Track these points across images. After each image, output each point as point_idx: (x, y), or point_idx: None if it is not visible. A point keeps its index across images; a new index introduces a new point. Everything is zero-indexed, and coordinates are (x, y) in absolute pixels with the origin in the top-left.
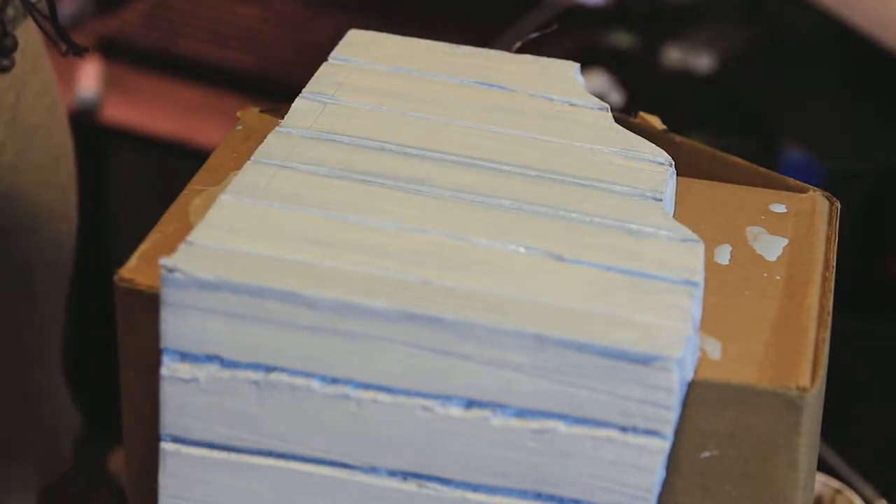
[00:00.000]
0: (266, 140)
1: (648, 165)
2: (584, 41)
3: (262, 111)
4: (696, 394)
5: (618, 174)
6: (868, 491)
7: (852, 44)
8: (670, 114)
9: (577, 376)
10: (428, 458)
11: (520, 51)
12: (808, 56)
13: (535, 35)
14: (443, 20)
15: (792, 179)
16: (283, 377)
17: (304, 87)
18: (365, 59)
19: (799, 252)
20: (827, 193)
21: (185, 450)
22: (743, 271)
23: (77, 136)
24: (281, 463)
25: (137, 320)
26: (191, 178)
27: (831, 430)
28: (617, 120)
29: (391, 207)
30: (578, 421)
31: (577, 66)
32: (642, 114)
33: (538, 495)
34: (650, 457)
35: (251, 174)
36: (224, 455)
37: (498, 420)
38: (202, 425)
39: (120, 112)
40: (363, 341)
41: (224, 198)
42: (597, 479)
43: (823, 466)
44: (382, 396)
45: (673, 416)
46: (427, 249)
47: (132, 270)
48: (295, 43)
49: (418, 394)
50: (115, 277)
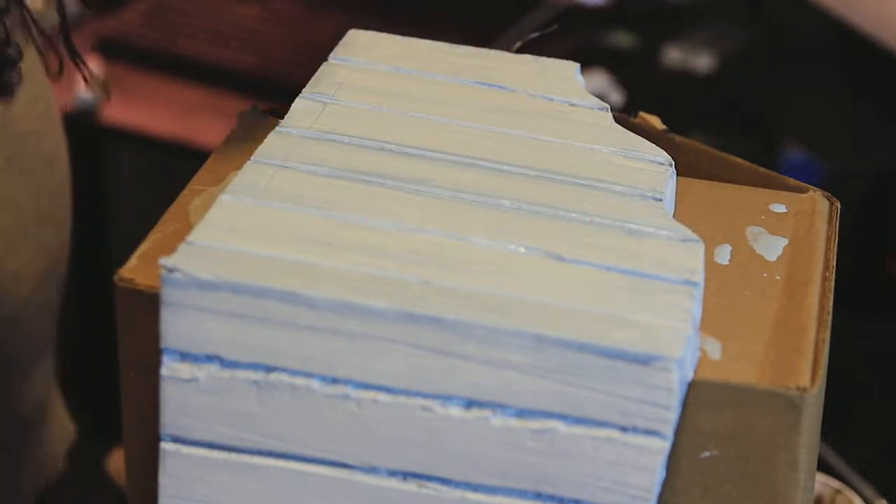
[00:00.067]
0: (266, 140)
1: (648, 165)
2: (584, 41)
3: (262, 111)
4: (696, 394)
5: (618, 174)
6: (868, 491)
7: (852, 44)
8: (670, 114)
9: (577, 376)
10: (428, 458)
11: (520, 51)
12: (808, 56)
13: (535, 35)
14: (443, 20)
15: (792, 179)
16: (283, 377)
17: (304, 87)
18: (365, 59)
19: (799, 252)
20: (827, 193)
21: (185, 450)
22: (743, 271)
23: (77, 136)
24: (281, 463)
25: (137, 320)
26: (191, 178)
27: (831, 430)
28: (617, 120)
29: (391, 207)
30: (578, 421)
31: (577, 66)
32: (642, 114)
33: (538, 495)
34: (650, 457)
35: (251, 174)
36: (224, 455)
37: (498, 420)
38: (202, 425)
39: (120, 112)
40: (363, 341)
41: (224, 198)
42: (597, 479)
43: (823, 466)
44: (382, 396)
45: (673, 416)
46: (427, 249)
47: (132, 270)
48: (295, 43)
49: (418, 394)
50: (115, 277)
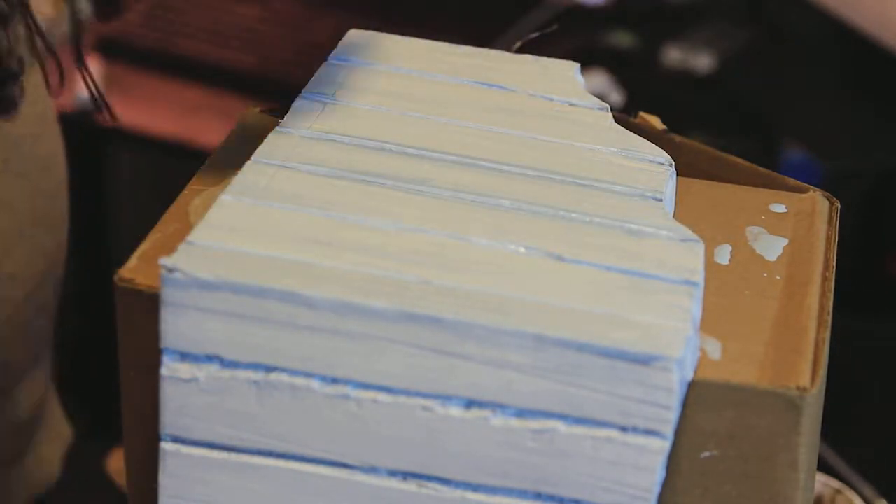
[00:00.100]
0: (266, 140)
1: (648, 165)
2: (584, 41)
3: (262, 111)
4: (696, 394)
5: (618, 174)
6: (868, 491)
7: (852, 44)
8: (670, 114)
9: (577, 376)
10: (428, 458)
11: (520, 51)
12: (808, 56)
13: (535, 35)
14: (443, 20)
15: (792, 179)
16: (283, 377)
17: (304, 87)
18: (365, 59)
19: (799, 252)
20: (827, 193)
21: (185, 450)
22: (743, 271)
23: (77, 136)
24: (281, 463)
25: (137, 320)
26: (191, 178)
27: (831, 430)
28: (617, 120)
29: (391, 207)
30: (578, 421)
31: (577, 66)
32: (642, 114)
33: (538, 495)
34: (650, 457)
35: (251, 174)
36: (224, 455)
37: (498, 420)
38: (202, 425)
39: (120, 112)
40: (363, 341)
41: (224, 198)
42: (597, 479)
43: (823, 466)
44: (382, 396)
45: (673, 416)
46: (427, 249)
47: (132, 270)
48: (295, 43)
49: (418, 394)
50: (115, 277)
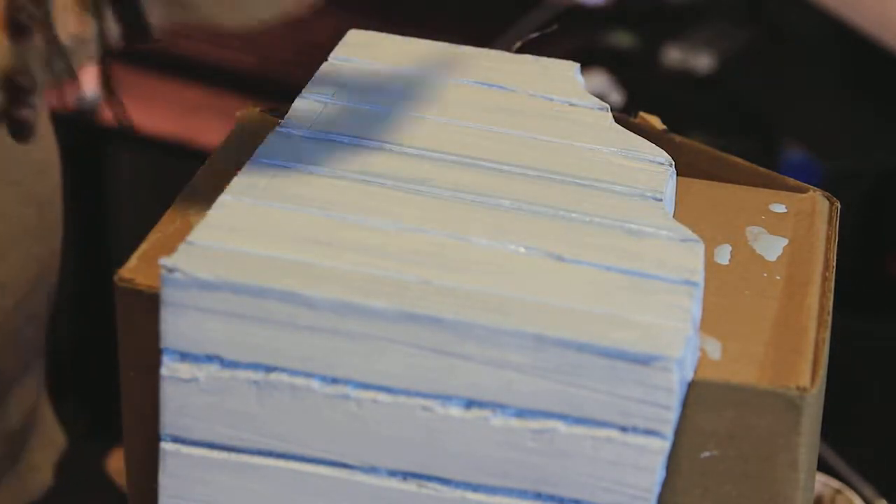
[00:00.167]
0: (266, 140)
1: (648, 165)
2: (584, 41)
3: (262, 111)
4: (696, 394)
5: (618, 174)
6: (868, 491)
7: (852, 44)
8: (670, 114)
9: (577, 376)
10: (428, 458)
11: (520, 51)
12: (808, 56)
13: (535, 35)
14: (443, 20)
15: (792, 179)
16: (283, 377)
17: (304, 87)
18: (365, 59)
19: (799, 252)
20: (827, 193)
21: (185, 450)
22: (743, 271)
23: (77, 136)
24: (281, 463)
25: (137, 320)
26: (191, 178)
27: (831, 430)
28: (617, 120)
29: (391, 207)
30: (578, 421)
31: (577, 66)
32: (642, 114)
33: (538, 495)
34: (650, 457)
35: (251, 174)
36: (224, 455)
37: (498, 420)
38: (202, 425)
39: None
40: (363, 341)
41: (224, 198)
42: (597, 479)
43: (823, 466)
44: (382, 396)
45: (673, 416)
46: (427, 249)
47: (132, 270)
48: (295, 43)
49: (418, 394)
50: (115, 277)
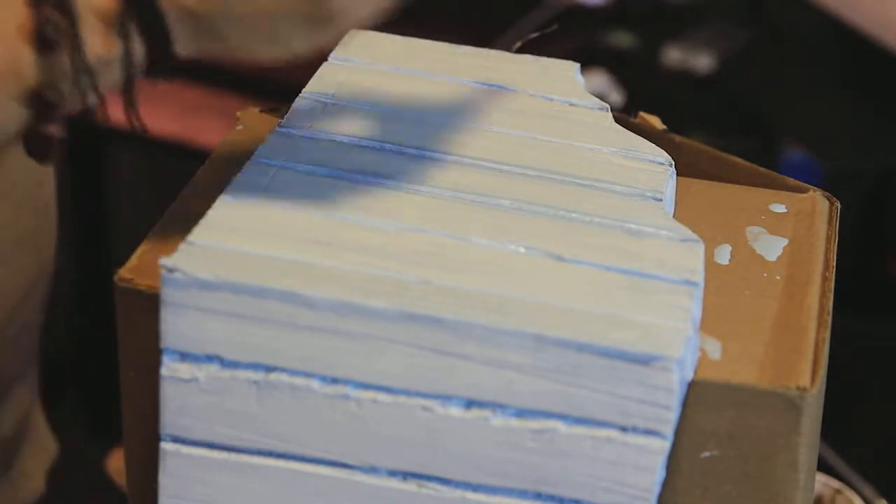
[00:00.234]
0: (266, 140)
1: (648, 165)
2: (584, 41)
3: (262, 111)
4: (696, 394)
5: (618, 174)
6: (868, 491)
7: (852, 44)
8: (670, 114)
9: (577, 376)
10: (428, 458)
11: (520, 51)
12: (808, 56)
13: (535, 35)
14: (443, 20)
15: (792, 179)
16: (283, 377)
17: (304, 87)
18: (365, 59)
19: (799, 252)
20: (827, 193)
21: (185, 450)
22: (743, 271)
23: (77, 136)
24: (281, 463)
25: (137, 320)
26: (191, 178)
27: (831, 430)
28: (617, 120)
29: (391, 207)
30: (578, 421)
31: (577, 66)
32: (642, 114)
33: (538, 495)
34: (650, 457)
35: (251, 174)
36: (224, 455)
37: (498, 420)
38: (202, 425)
39: (119, 111)
40: (363, 341)
41: (224, 198)
42: (597, 479)
43: (823, 466)
44: (382, 396)
45: (673, 416)
46: (427, 249)
47: (132, 270)
48: None
49: (418, 394)
50: (115, 277)
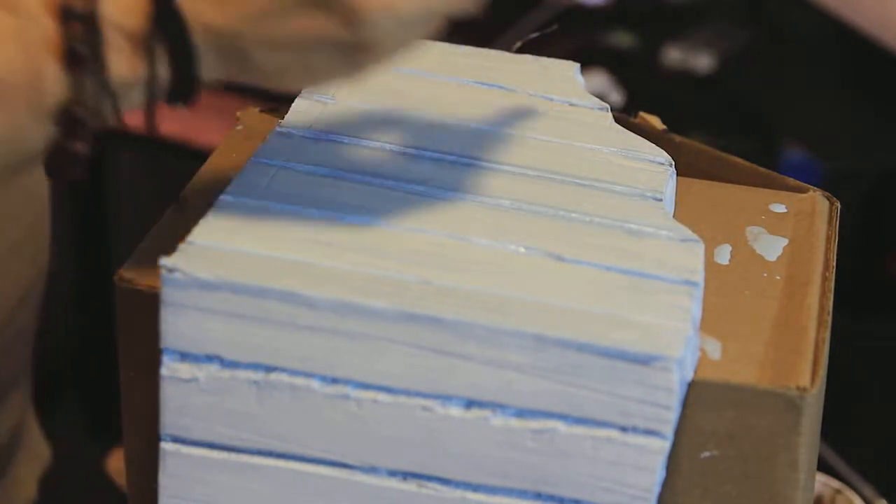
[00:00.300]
0: (266, 140)
1: (648, 165)
2: (584, 41)
3: (262, 111)
4: (696, 394)
5: (618, 174)
6: (868, 491)
7: (852, 44)
8: (670, 114)
9: (577, 376)
10: (428, 458)
11: (520, 51)
12: (808, 56)
13: (535, 35)
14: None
15: (792, 179)
16: (283, 377)
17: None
18: None
19: (799, 252)
20: (827, 193)
21: (185, 450)
22: (743, 271)
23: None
24: (281, 463)
25: (137, 320)
26: (191, 178)
27: (831, 430)
28: (617, 120)
29: (391, 207)
30: (578, 421)
31: (577, 66)
32: (642, 114)
33: (538, 495)
34: (650, 457)
35: (251, 174)
36: (224, 455)
37: (498, 420)
38: (202, 425)
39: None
40: (363, 341)
41: (224, 198)
42: (597, 479)
43: (823, 466)
44: (382, 396)
45: (673, 416)
46: (427, 249)
47: (132, 270)
48: None
49: (418, 394)
50: (115, 277)
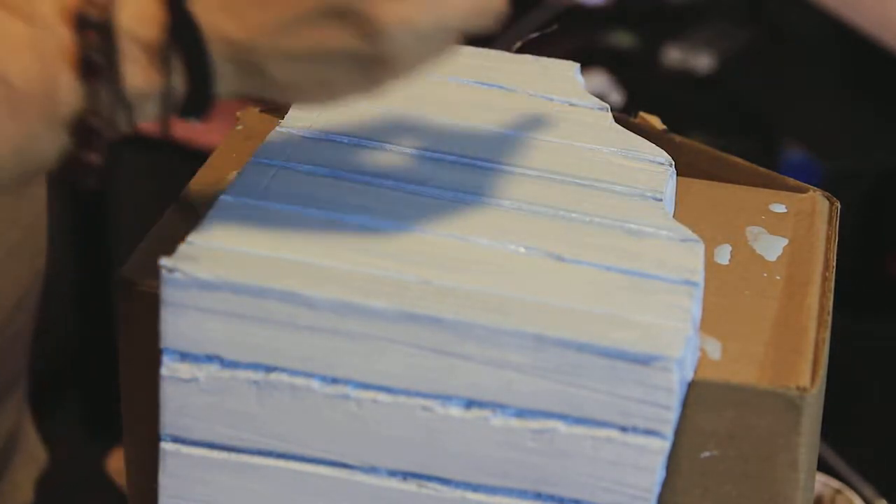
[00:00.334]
0: (266, 140)
1: (648, 165)
2: (584, 41)
3: (262, 111)
4: (696, 394)
5: (618, 174)
6: (868, 491)
7: (852, 44)
8: (670, 114)
9: (577, 376)
10: (428, 458)
11: (520, 51)
12: (808, 56)
13: (535, 35)
14: None
15: (792, 179)
16: (283, 377)
17: None
18: None
19: (799, 252)
20: (827, 193)
21: (185, 450)
22: (743, 271)
23: None
24: (281, 463)
25: (137, 320)
26: (191, 178)
27: (831, 430)
28: (617, 120)
29: (391, 207)
30: (578, 421)
31: (577, 66)
32: (642, 114)
33: (538, 495)
34: (650, 457)
35: (251, 174)
36: (224, 455)
37: (498, 420)
38: (202, 425)
39: None
40: (363, 341)
41: (224, 198)
42: (597, 479)
43: (823, 466)
44: (382, 396)
45: (673, 416)
46: (427, 249)
47: (132, 270)
48: None
49: (418, 394)
50: (115, 277)
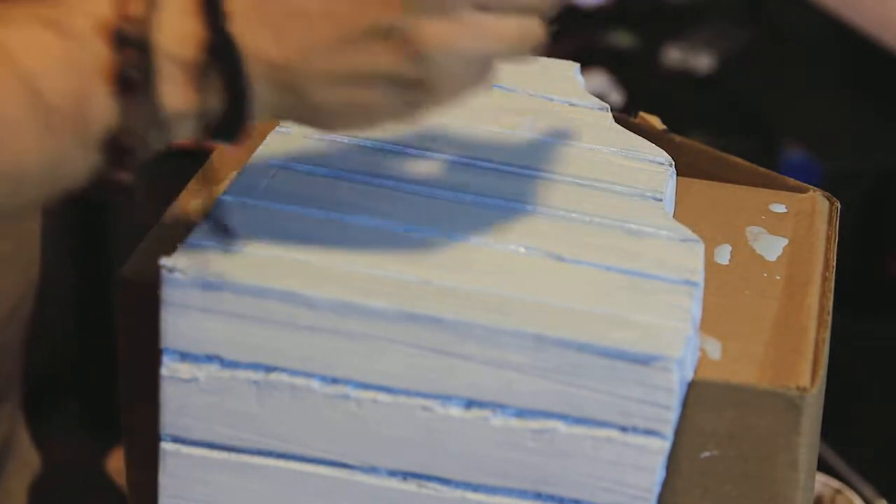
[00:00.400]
0: (266, 140)
1: (648, 165)
2: (584, 41)
3: None
4: (696, 394)
5: (618, 174)
6: (868, 491)
7: (852, 44)
8: (670, 114)
9: (577, 376)
10: (428, 458)
11: None
12: (808, 56)
13: None
14: None
15: (792, 179)
16: (283, 377)
17: None
18: None
19: (799, 252)
20: (827, 193)
21: (185, 450)
22: (743, 271)
23: None
24: (281, 463)
25: (137, 320)
26: (191, 178)
27: (831, 430)
28: (617, 120)
29: (391, 207)
30: (578, 421)
31: (577, 66)
32: (642, 114)
33: (538, 495)
34: (650, 457)
35: (251, 174)
36: (224, 455)
37: (498, 420)
38: (202, 425)
39: None
40: (363, 341)
41: (224, 198)
42: (597, 479)
43: (823, 466)
44: (382, 396)
45: (673, 416)
46: (427, 249)
47: (132, 270)
48: None
49: (418, 394)
50: (116, 277)
